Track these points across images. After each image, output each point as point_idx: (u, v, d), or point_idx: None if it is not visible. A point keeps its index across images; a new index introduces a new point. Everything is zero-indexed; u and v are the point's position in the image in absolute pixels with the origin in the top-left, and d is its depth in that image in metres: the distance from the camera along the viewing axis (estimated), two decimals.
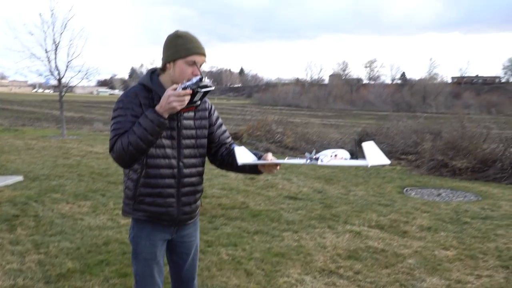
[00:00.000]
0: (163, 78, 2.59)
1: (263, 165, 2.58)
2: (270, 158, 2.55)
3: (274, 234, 6.04)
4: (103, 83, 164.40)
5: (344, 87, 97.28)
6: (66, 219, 6.44)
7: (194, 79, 2.37)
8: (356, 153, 2.42)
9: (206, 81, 2.39)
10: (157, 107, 2.38)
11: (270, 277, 4.66)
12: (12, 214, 6.54)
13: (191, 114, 2.65)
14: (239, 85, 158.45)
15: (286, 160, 2.56)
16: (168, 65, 2.54)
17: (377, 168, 11.51)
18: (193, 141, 2.66)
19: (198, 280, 3.38)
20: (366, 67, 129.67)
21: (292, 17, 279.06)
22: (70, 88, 20.25)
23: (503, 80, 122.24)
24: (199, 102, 2.49)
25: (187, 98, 2.35)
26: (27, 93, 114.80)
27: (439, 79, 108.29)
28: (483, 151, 11.44)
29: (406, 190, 9.30)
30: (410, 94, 78.01)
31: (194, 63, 2.49)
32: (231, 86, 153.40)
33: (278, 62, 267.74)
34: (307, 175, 10.42)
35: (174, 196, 2.61)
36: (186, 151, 2.63)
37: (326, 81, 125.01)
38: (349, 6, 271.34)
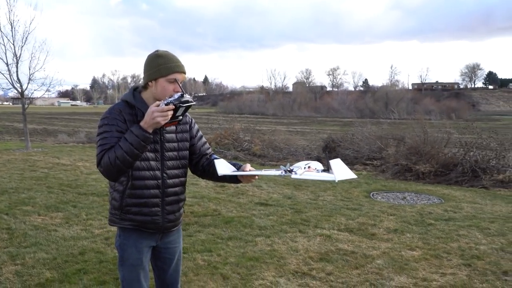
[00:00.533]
0: (145, 95, 2.73)
1: (242, 175, 2.75)
2: (248, 169, 2.73)
3: (248, 240, 6.21)
4: (64, 94, 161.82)
5: (308, 95, 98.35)
6: (39, 230, 6.45)
7: (176, 95, 2.54)
8: (328, 165, 2.64)
9: (187, 97, 2.56)
10: (142, 123, 2.52)
11: (246, 280, 4.83)
12: None
13: (173, 128, 2.80)
14: (204, 94, 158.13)
15: (263, 172, 2.70)
16: (150, 83, 2.69)
17: None
18: (175, 153, 2.81)
19: None
20: (329, 74, 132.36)
21: (254, 26, 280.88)
22: (31, 100, 19.85)
23: (461, 86, 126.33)
24: (181, 117, 2.65)
25: (170, 113, 2.51)
26: None
27: (400, 86, 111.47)
28: (444, 156, 11.83)
29: (373, 194, 9.58)
30: (373, 101, 79.22)
31: (175, 81, 2.66)
32: (196, 95, 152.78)
33: (242, 70, 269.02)
34: (277, 182, 10.62)
35: (159, 205, 2.75)
36: (169, 163, 2.78)
37: (290, 88, 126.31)
38: (309, 15, 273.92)
